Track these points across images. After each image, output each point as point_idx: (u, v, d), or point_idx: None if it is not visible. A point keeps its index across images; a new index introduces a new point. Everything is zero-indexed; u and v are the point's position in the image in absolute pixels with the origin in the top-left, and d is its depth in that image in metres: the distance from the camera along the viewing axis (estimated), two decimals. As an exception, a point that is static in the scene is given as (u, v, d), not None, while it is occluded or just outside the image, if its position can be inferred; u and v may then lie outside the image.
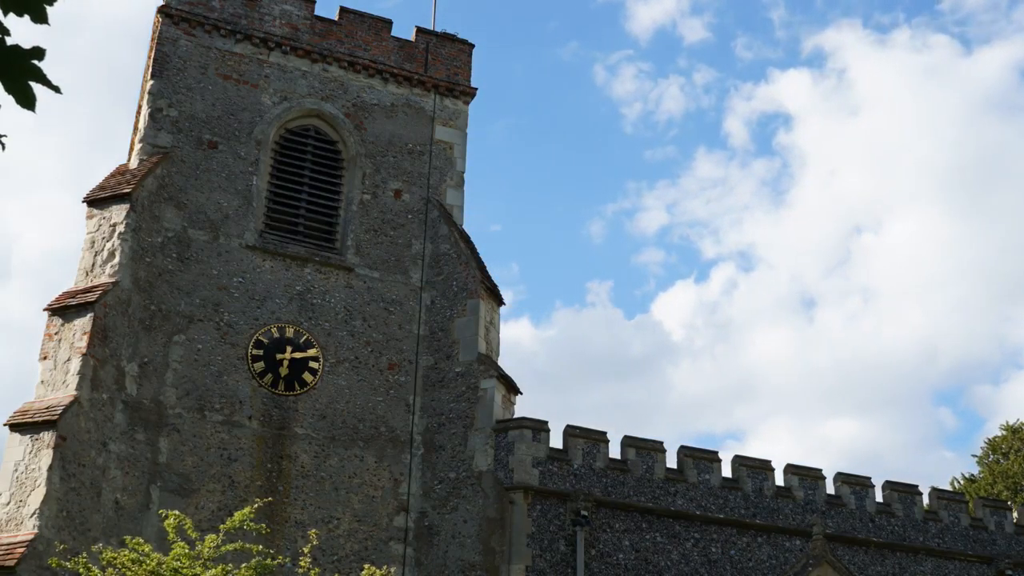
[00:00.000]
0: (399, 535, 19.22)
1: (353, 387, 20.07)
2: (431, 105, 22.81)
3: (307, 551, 14.02)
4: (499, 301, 21.08)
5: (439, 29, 23.63)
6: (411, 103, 22.71)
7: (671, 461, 20.19)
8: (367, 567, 14.34)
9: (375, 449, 19.75)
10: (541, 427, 19.27)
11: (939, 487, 23.25)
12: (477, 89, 23.19)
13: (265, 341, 19.70)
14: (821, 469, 21.35)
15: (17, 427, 16.59)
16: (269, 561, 13.89)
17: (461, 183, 22.46)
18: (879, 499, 21.84)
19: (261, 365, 19.53)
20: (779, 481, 20.95)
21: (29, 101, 4.74)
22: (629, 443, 19.92)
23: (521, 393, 20.29)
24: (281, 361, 19.67)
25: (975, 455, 37.52)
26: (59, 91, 4.77)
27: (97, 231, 18.94)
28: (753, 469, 20.74)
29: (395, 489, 19.60)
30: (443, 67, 23.15)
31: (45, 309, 17.98)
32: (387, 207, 21.69)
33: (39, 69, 4.73)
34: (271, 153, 21.39)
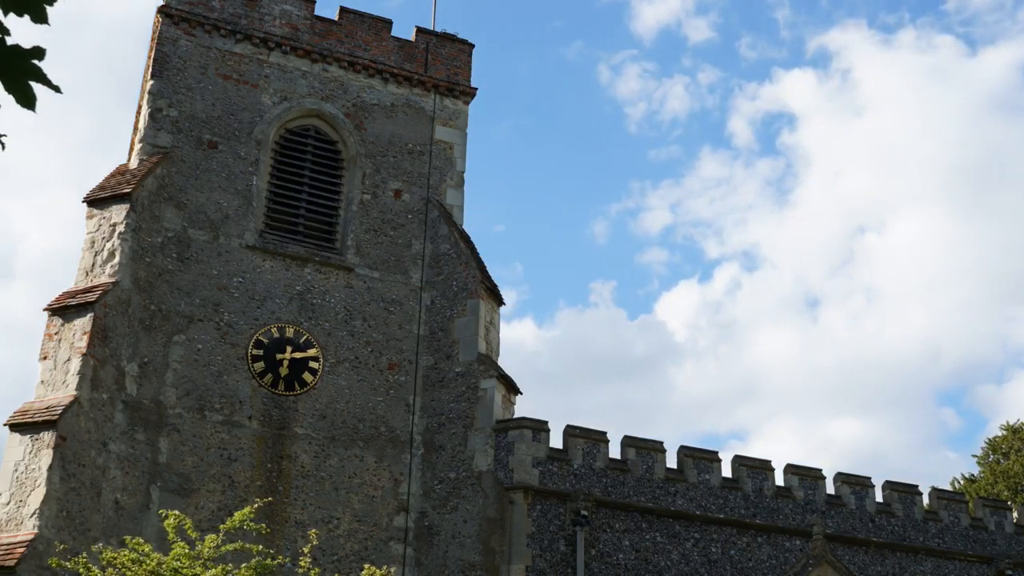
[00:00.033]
0: (399, 535, 19.22)
1: (353, 387, 20.07)
2: (431, 105, 22.82)
3: (307, 551, 14.02)
4: (499, 301, 21.08)
5: (441, 29, 23.67)
6: (411, 103, 22.72)
7: (671, 461, 20.18)
8: (367, 567, 14.34)
9: (375, 449, 19.75)
10: (541, 427, 19.27)
11: (939, 487, 23.26)
12: (477, 89, 23.22)
13: (265, 341, 19.70)
14: (821, 469, 21.34)
15: (17, 427, 16.59)
16: (269, 561, 13.89)
17: (461, 183, 22.47)
18: (879, 499, 21.83)
19: (261, 365, 19.54)
20: (779, 481, 20.94)
21: (29, 101, 4.74)
22: (629, 443, 19.91)
23: (521, 393, 20.32)
24: (281, 361, 19.68)
25: (975, 455, 37.55)
26: (59, 91, 4.77)
27: (97, 231, 18.95)
28: (753, 469, 20.74)
29: (395, 489, 19.60)
30: (443, 67, 23.16)
31: (45, 309, 17.98)
32: (387, 207, 21.69)
33: (39, 69, 4.73)
34: (271, 153, 21.39)
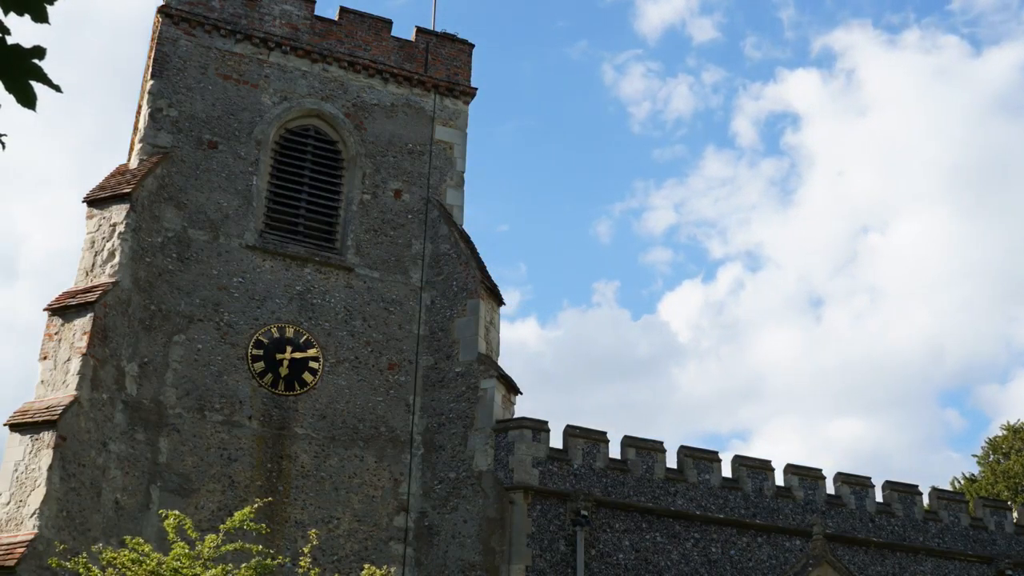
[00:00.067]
0: (399, 535, 19.22)
1: (353, 387, 20.07)
2: (431, 105, 22.82)
3: (307, 551, 14.02)
4: (499, 301, 21.08)
5: (442, 29, 23.67)
6: (411, 103, 22.72)
7: (671, 461, 20.18)
8: (367, 567, 14.35)
9: (375, 449, 19.75)
10: (541, 427, 19.27)
11: (939, 487, 23.25)
12: (477, 89, 23.22)
13: (265, 341, 19.70)
14: (821, 469, 21.34)
15: (17, 427, 16.58)
16: (269, 561, 13.89)
17: (461, 183, 22.47)
18: (879, 499, 21.82)
19: (261, 365, 19.54)
20: (779, 481, 20.94)
21: (29, 100, 4.73)
22: (629, 443, 19.90)
23: (521, 393, 20.31)
24: (281, 361, 19.67)
25: (975, 455, 37.54)
26: (59, 90, 4.76)
27: (97, 231, 18.95)
28: (753, 469, 20.73)
29: (395, 489, 19.60)
30: (443, 67, 23.16)
31: (45, 309, 17.99)
32: (387, 207, 21.69)
33: (39, 68, 4.72)
34: (271, 153, 21.39)
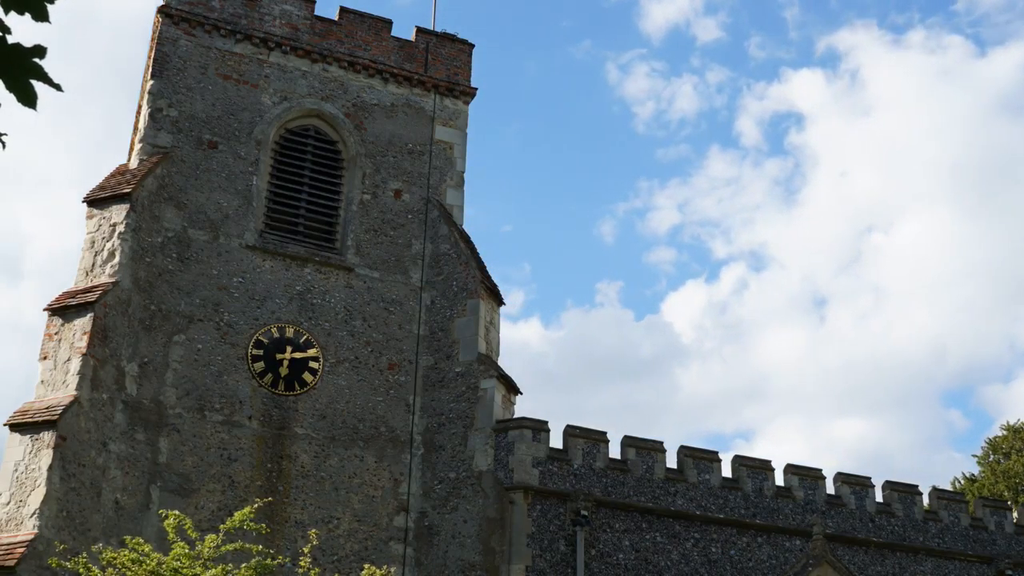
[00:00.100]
0: (399, 535, 19.22)
1: (353, 387, 20.07)
2: (431, 105, 22.82)
3: (307, 551, 14.02)
4: (499, 301, 21.08)
5: (444, 29, 23.68)
6: (411, 103, 22.72)
7: (671, 461, 20.17)
8: (367, 567, 14.34)
9: (375, 449, 19.74)
10: (541, 427, 19.26)
11: (939, 487, 23.24)
12: (477, 89, 23.22)
13: (265, 341, 19.70)
14: (821, 469, 21.33)
15: (17, 427, 16.58)
16: (269, 561, 13.89)
17: (461, 183, 22.47)
18: (879, 499, 21.82)
19: (261, 365, 19.53)
20: (779, 481, 20.93)
21: (30, 99, 4.73)
22: (629, 443, 19.90)
23: (521, 393, 20.31)
24: (281, 361, 19.67)
25: (975, 455, 37.54)
26: (60, 89, 4.76)
27: (97, 231, 18.94)
28: (753, 469, 20.73)
29: (395, 489, 19.60)
30: (443, 67, 23.16)
31: (45, 309, 17.99)
32: (387, 207, 21.69)
33: (40, 67, 4.72)
34: (271, 153, 21.39)
